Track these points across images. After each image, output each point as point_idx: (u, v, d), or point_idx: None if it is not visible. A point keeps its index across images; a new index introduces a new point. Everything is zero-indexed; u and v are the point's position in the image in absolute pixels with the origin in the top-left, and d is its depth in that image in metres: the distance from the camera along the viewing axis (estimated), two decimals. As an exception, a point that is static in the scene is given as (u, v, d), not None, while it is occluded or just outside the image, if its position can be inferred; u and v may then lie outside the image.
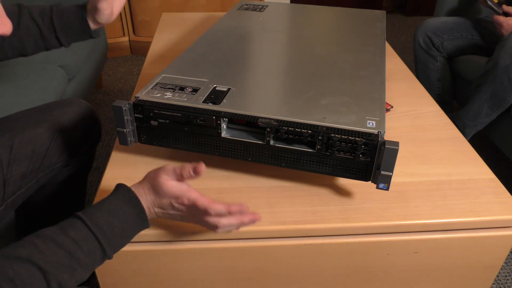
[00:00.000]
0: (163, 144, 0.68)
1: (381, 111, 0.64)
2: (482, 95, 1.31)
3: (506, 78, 1.22)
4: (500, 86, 1.24)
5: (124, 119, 0.64)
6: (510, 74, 1.21)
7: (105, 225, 0.51)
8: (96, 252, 0.51)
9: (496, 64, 1.24)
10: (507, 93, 1.24)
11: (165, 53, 1.15)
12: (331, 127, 0.60)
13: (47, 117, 0.84)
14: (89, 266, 0.51)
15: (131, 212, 0.53)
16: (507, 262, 1.22)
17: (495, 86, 1.26)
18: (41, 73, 1.28)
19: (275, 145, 0.62)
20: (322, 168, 0.63)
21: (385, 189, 0.60)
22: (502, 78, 1.23)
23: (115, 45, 2.43)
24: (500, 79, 1.23)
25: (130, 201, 0.54)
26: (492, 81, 1.26)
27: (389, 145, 0.56)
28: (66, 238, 0.49)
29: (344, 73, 0.76)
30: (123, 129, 0.65)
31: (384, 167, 0.58)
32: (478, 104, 1.33)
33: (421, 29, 1.58)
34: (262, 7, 1.12)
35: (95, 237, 0.50)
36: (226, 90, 0.68)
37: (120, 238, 0.53)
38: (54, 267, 0.48)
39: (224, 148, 0.65)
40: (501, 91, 1.25)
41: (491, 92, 1.28)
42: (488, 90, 1.28)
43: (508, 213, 0.64)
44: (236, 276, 0.65)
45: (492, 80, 1.26)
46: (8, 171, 0.76)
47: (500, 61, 1.23)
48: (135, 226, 0.55)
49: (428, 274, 0.68)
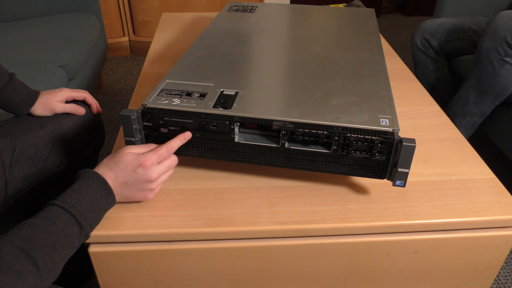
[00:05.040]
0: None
1: (392, 109, 0.65)
2: (468, 81, 1.33)
3: (488, 62, 1.23)
4: (484, 71, 1.25)
5: (133, 128, 0.63)
6: (491, 57, 1.22)
7: (73, 200, 0.54)
8: (72, 226, 0.53)
9: (480, 49, 1.25)
10: (491, 77, 1.24)
11: (165, 53, 1.15)
12: (347, 127, 0.60)
13: (51, 119, 0.84)
14: (69, 241, 0.52)
15: (95, 186, 0.56)
16: (507, 262, 1.22)
17: (479, 71, 1.27)
18: (41, 73, 1.28)
19: (290, 148, 0.62)
20: (337, 168, 0.63)
21: (402, 186, 0.61)
22: (485, 61, 1.24)
23: (115, 45, 2.43)
24: (483, 62, 1.25)
25: (91, 177, 0.57)
26: (477, 67, 1.27)
27: (406, 143, 0.57)
28: (39, 220, 0.52)
29: (347, 72, 0.76)
30: (132, 138, 0.64)
31: (401, 164, 0.59)
32: (465, 91, 1.34)
33: (418, 31, 1.58)
34: (252, 8, 1.12)
35: (66, 211, 0.53)
36: (234, 94, 0.68)
37: (91, 210, 0.55)
38: (33, 244, 0.49)
39: (237, 153, 0.65)
40: (485, 75, 1.25)
41: (475, 77, 1.29)
42: (473, 76, 1.30)
43: (508, 213, 0.64)
44: (236, 276, 0.65)
45: (476, 65, 1.28)
46: (10, 172, 0.76)
47: (483, 46, 1.24)
48: (103, 199, 0.57)
49: (428, 274, 0.68)
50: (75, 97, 0.88)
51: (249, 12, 1.09)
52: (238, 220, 0.62)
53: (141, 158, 0.59)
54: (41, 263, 0.49)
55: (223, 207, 0.64)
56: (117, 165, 0.58)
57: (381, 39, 1.04)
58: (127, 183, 0.59)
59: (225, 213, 0.63)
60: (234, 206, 0.64)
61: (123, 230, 0.60)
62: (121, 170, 0.58)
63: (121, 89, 2.08)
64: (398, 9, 3.32)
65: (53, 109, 0.84)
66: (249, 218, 0.62)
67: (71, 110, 0.86)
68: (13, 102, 0.81)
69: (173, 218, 0.62)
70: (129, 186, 0.59)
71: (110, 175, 0.58)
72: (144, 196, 0.61)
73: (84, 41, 1.55)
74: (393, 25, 3.01)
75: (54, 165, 0.83)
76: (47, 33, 1.55)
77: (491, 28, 1.22)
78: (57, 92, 0.85)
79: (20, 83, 0.82)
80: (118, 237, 0.60)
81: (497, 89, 1.26)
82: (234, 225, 0.61)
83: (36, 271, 0.48)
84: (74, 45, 1.48)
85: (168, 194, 0.66)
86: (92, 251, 0.60)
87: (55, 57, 1.38)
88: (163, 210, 0.63)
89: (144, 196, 0.61)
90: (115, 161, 0.59)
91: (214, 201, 0.65)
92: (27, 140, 0.79)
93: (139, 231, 0.60)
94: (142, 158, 0.59)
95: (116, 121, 1.81)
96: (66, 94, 0.86)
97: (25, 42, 1.48)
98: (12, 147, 0.77)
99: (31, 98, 0.82)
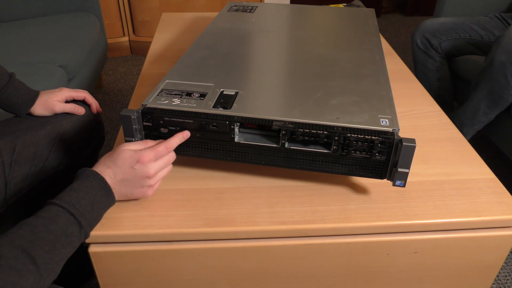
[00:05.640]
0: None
1: (392, 108, 0.65)
2: (479, 92, 1.31)
3: (502, 75, 1.22)
4: (496, 84, 1.24)
5: (133, 128, 0.63)
6: (506, 71, 1.21)
7: (73, 199, 0.54)
8: (72, 225, 0.53)
9: (492, 61, 1.24)
10: (504, 90, 1.24)
11: (165, 53, 1.15)
12: (347, 127, 0.60)
13: (51, 119, 0.84)
14: (69, 240, 0.52)
15: (94, 185, 0.56)
16: (507, 262, 1.22)
17: (492, 84, 1.26)
18: (41, 73, 1.28)
19: (290, 148, 0.62)
20: (337, 168, 0.63)
21: (401, 186, 0.61)
22: (498, 75, 1.23)
23: (115, 45, 2.43)
24: (496, 76, 1.23)
25: (90, 176, 0.57)
26: (489, 79, 1.26)
27: (406, 143, 0.57)
28: (39, 219, 0.52)
29: (347, 72, 0.76)
30: (132, 138, 0.64)
31: (401, 164, 0.59)
32: (475, 102, 1.33)
33: (418, 31, 1.58)
34: (252, 8, 1.12)
35: (66, 210, 0.53)
36: (234, 94, 0.68)
37: (90, 209, 0.55)
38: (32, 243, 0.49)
39: (237, 153, 0.65)
40: (498, 88, 1.25)
41: (487, 90, 1.28)
42: (485, 88, 1.28)
43: (508, 213, 0.64)
44: (236, 276, 0.65)
45: (488, 78, 1.26)
46: (10, 172, 0.76)
47: (496, 58, 1.23)
48: (102, 198, 0.57)
49: (428, 274, 0.68)
50: (75, 97, 0.88)
51: (249, 12, 1.09)
52: (238, 220, 0.62)
53: (138, 155, 0.59)
54: (41, 262, 0.49)
55: (223, 207, 0.64)
56: (115, 162, 0.58)
57: (381, 39, 1.04)
58: (125, 180, 0.59)
59: (225, 213, 0.63)
60: (234, 206, 0.64)
61: (123, 230, 0.60)
62: (118, 167, 0.58)
63: (121, 89, 2.08)
64: (398, 9, 3.32)
65: (52, 109, 0.84)
66: (249, 218, 0.62)
67: (71, 110, 0.86)
68: (13, 102, 0.81)
69: (173, 218, 0.62)
70: (127, 183, 0.59)
71: (108, 172, 0.58)
72: (143, 193, 0.61)
73: (84, 41, 1.55)
74: (393, 25, 3.01)
75: (54, 164, 0.83)
76: (47, 33, 1.55)
77: (505, 41, 1.21)
78: (56, 92, 0.85)
79: (19, 83, 0.82)
80: (118, 237, 0.60)
81: (508, 101, 1.25)
82: (234, 225, 0.61)
83: (36, 270, 0.48)
84: (74, 45, 1.48)
85: (168, 194, 0.66)
86: (92, 251, 0.60)
87: (55, 57, 1.38)
88: (163, 210, 0.63)
89: (143, 193, 0.61)
90: (112, 158, 0.59)
91: (214, 201, 0.65)
92: (27, 140, 0.79)
93: (139, 231, 0.60)
94: (140, 154, 0.59)
95: (116, 121, 1.81)
96: (66, 94, 0.86)
97: (25, 42, 1.48)
98: (12, 147, 0.77)
99: (30, 98, 0.82)
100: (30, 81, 1.20)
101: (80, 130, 0.87)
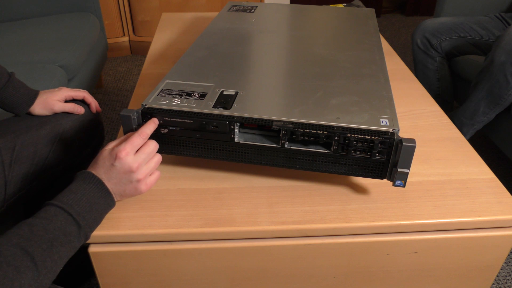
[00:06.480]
0: (172, 152, 0.67)
1: (392, 109, 0.65)
2: (478, 92, 1.31)
3: (501, 75, 1.22)
4: (496, 84, 1.24)
5: (133, 128, 0.63)
6: (505, 71, 1.21)
7: (70, 200, 0.54)
8: (70, 224, 0.53)
9: (492, 61, 1.24)
10: (503, 90, 1.24)
11: (165, 53, 1.15)
12: (347, 127, 0.60)
13: (50, 119, 0.84)
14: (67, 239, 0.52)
15: (91, 187, 0.56)
16: (507, 262, 1.22)
17: (491, 84, 1.26)
18: (41, 73, 1.28)
19: (290, 148, 0.62)
20: (337, 168, 0.63)
21: (401, 186, 0.61)
22: (498, 75, 1.23)
23: (115, 45, 2.43)
24: (496, 76, 1.24)
25: (87, 178, 0.57)
26: (489, 79, 1.26)
27: (406, 143, 0.57)
28: (37, 219, 0.52)
29: (347, 72, 0.76)
30: None
31: (401, 164, 0.59)
32: (475, 102, 1.33)
33: (418, 31, 1.58)
34: (252, 8, 1.12)
35: (64, 210, 0.53)
36: (234, 94, 0.68)
37: (89, 210, 0.55)
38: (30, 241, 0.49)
39: (237, 153, 0.64)
40: (497, 88, 1.25)
41: (487, 90, 1.28)
42: (485, 88, 1.29)
43: (508, 213, 0.64)
44: (236, 276, 0.65)
45: (488, 78, 1.26)
46: (10, 172, 0.76)
47: (496, 58, 1.23)
48: (100, 199, 0.57)
49: (428, 274, 0.68)
50: (74, 97, 0.88)
51: (249, 12, 1.09)
52: (238, 220, 0.62)
53: (114, 151, 0.58)
54: (39, 260, 0.49)
55: (223, 207, 0.64)
56: (97, 163, 0.58)
57: (381, 39, 1.04)
58: (112, 179, 0.59)
59: (225, 213, 0.63)
60: (234, 206, 0.64)
61: (123, 230, 0.60)
62: (101, 167, 0.58)
63: (121, 89, 2.08)
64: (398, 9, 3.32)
65: (52, 108, 0.84)
66: (249, 218, 0.62)
67: (71, 109, 0.86)
68: (13, 101, 0.81)
69: (173, 218, 0.62)
70: (116, 182, 0.59)
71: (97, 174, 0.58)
72: (135, 189, 0.60)
73: (84, 41, 1.55)
74: (393, 25, 3.01)
75: (54, 164, 0.83)
76: (47, 33, 1.55)
77: (505, 41, 1.21)
78: (56, 92, 0.85)
79: (19, 82, 0.82)
80: (118, 237, 0.60)
81: (508, 101, 1.25)
82: (234, 225, 0.61)
83: (34, 267, 0.48)
84: (74, 45, 1.48)
85: (168, 194, 0.66)
86: (92, 251, 0.60)
87: (55, 57, 1.38)
88: (163, 210, 0.63)
89: (135, 189, 0.60)
90: (95, 160, 0.59)
91: (214, 201, 0.65)
92: (26, 139, 0.79)
93: (139, 231, 0.60)
94: (116, 150, 0.58)
95: (116, 121, 1.81)
96: (65, 94, 0.86)
97: (25, 42, 1.48)
98: (12, 146, 0.77)
99: (30, 97, 0.82)
100: (30, 81, 1.20)
101: (79, 130, 0.87)
